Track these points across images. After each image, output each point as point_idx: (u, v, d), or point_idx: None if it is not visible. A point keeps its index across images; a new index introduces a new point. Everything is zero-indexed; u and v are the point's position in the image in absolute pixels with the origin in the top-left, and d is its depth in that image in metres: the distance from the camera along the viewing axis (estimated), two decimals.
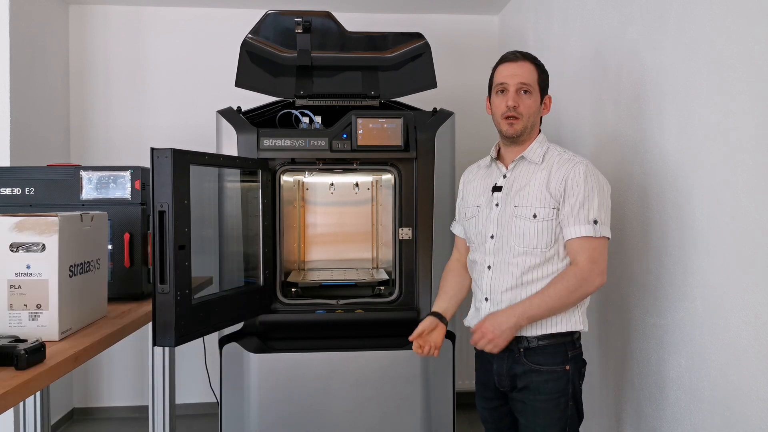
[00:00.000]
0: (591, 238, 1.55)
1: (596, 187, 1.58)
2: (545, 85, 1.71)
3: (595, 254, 1.55)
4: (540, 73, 1.69)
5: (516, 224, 1.62)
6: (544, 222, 1.59)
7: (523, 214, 1.62)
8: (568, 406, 1.61)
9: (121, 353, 3.42)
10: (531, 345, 1.61)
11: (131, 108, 3.45)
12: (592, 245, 1.56)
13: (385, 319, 2.36)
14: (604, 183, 1.62)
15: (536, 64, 1.70)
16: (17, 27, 2.83)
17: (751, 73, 1.47)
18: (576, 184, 1.58)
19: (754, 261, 1.47)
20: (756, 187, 1.46)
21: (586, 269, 1.55)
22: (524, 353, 1.62)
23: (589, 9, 2.36)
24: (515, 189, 1.66)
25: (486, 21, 3.64)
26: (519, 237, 1.62)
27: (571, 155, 1.67)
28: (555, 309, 1.57)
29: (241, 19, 3.50)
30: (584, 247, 1.56)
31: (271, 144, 2.27)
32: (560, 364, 1.61)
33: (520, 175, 1.68)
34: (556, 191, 1.60)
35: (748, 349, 1.48)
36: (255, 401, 2.23)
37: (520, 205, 1.63)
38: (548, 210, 1.59)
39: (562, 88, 2.64)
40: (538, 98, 1.68)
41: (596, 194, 1.57)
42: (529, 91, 1.66)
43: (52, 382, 1.28)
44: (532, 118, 1.67)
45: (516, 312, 1.56)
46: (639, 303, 1.99)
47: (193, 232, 1.83)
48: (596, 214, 1.56)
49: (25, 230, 1.42)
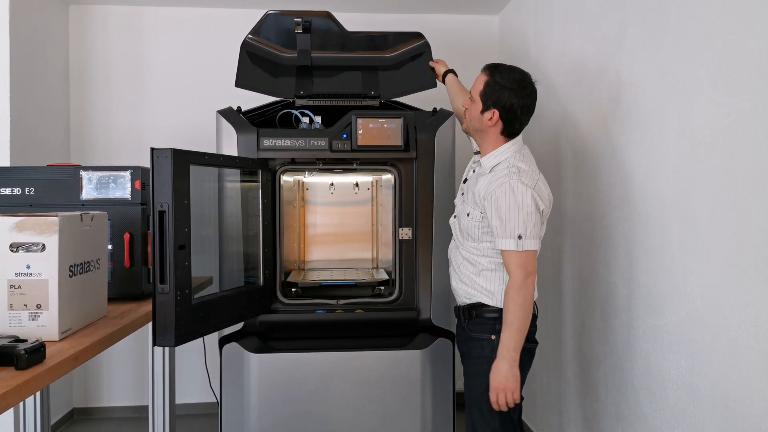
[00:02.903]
0: (517, 252, 1.74)
1: (513, 206, 1.73)
2: (489, 98, 1.83)
3: (521, 263, 1.74)
4: (486, 86, 1.84)
5: (462, 213, 1.93)
6: (474, 221, 1.86)
7: (465, 210, 1.91)
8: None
9: (121, 353, 3.42)
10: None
11: (131, 108, 3.45)
12: (520, 257, 1.74)
13: (385, 319, 2.36)
14: (523, 201, 1.74)
15: (491, 77, 1.85)
16: (17, 27, 2.83)
17: (751, 73, 1.47)
18: (495, 201, 1.76)
19: (754, 261, 1.47)
20: (756, 188, 1.46)
21: (519, 280, 1.74)
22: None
23: (589, 9, 2.36)
24: (469, 186, 1.94)
25: (486, 21, 3.64)
26: (461, 223, 1.94)
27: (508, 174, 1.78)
28: (523, 328, 1.74)
29: (241, 19, 3.50)
30: (512, 259, 1.75)
31: (271, 144, 2.27)
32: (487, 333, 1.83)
33: (475, 177, 1.92)
34: (481, 202, 1.82)
35: (748, 349, 1.48)
36: (255, 401, 2.23)
37: (467, 201, 1.92)
38: (477, 213, 1.85)
39: (561, 88, 2.64)
40: (479, 107, 1.86)
41: (516, 212, 1.73)
42: (473, 100, 1.90)
43: (52, 382, 1.28)
44: (474, 122, 1.90)
45: (502, 354, 1.74)
46: (639, 303, 1.99)
47: (193, 232, 1.83)
48: (521, 230, 1.73)
49: (25, 230, 1.42)
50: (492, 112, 1.83)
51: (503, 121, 1.84)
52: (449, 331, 2.34)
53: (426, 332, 2.37)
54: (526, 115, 1.87)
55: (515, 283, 1.74)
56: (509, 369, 1.72)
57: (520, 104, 1.82)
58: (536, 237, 1.76)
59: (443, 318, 2.37)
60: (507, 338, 1.73)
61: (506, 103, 1.81)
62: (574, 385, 2.51)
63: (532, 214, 1.74)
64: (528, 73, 1.87)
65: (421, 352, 2.31)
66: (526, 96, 1.83)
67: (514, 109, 1.82)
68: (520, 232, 1.73)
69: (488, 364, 1.76)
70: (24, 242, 1.41)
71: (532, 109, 1.88)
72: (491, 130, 1.86)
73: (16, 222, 1.41)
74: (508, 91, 1.81)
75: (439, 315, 2.37)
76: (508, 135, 1.87)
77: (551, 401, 2.79)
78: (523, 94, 1.82)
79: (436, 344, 2.33)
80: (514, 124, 1.85)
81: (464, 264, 1.91)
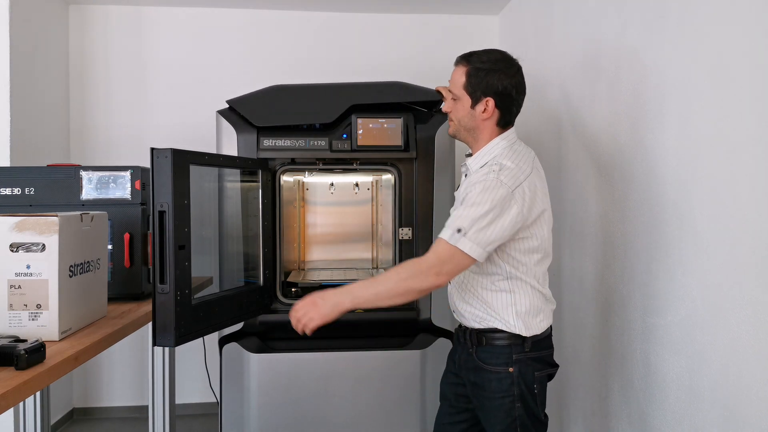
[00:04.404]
0: (446, 242, 1.50)
1: (488, 201, 1.50)
2: (478, 88, 1.62)
3: (443, 256, 1.50)
4: (470, 77, 1.62)
5: None
6: None
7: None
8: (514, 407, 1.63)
9: (121, 353, 3.42)
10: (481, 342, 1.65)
11: (131, 108, 3.45)
12: (446, 248, 1.50)
13: (385, 319, 2.36)
14: (500, 201, 1.50)
15: (470, 65, 1.63)
16: (17, 27, 2.82)
17: (751, 73, 1.47)
18: (470, 193, 1.54)
19: (754, 261, 1.47)
20: (756, 188, 1.46)
21: (426, 264, 1.51)
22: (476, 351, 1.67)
23: (589, 9, 2.36)
24: (459, 194, 1.70)
25: (486, 21, 3.64)
26: None
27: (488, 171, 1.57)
28: (381, 294, 1.54)
29: (241, 19, 3.51)
30: (438, 246, 1.52)
31: (271, 144, 2.27)
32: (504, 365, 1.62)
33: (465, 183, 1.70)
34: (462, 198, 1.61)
35: (748, 349, 1.48)
36: (255, 401, 2.23)
37: (456, 205, 1.67)
38: None
39: (561, 88, 2.64)
40: (467, 103, 1.64)
41: (478, 208, 1.49)
42: (456, 99, 1.67)
43: (52, 382, 1.28)
44: (464, 122, 1.67)
45: (343, 289, 1.56)
46: (639, 303, 1.99)
47: (193, 232, 1.83)
48: (467, 224, 1.49)
49: (25, 230, 1.42)
50: (485, 102, 1.62)
51: (499, 109, 1.63)
52: (449, 331, 2.34)
53: (426, 332, 2.37)
54: (522, 95, 1.67)
55: (421, 264, 1.52)
56: (334, 306, 1.54)
57: (513, 83, 1.62)
58: (481, 244, 1.48)
59: (443, 318, 2.37)
60: (359, 285, 1.56)
61: (498, 86, 1.60)
62: (574, 385, 2.51)
63: (487, 217, 1.49)
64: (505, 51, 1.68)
65: (421, 352, 2.31)
66: (515, 73, 1.63)
67: (509, 90, 1.61)
68: (461, 225, 1.49)
69: (510, 398, 1.61)
70: (24, 242, 1.41)
71: (525, 87, 1.68)
72: (486, 124, 1.65)
73: (16, 222, 1.41)
74: (496, 73, 1.60)
75: (439, 315, 2.37)
76: (505, 125, 1.67)
77: (551, 401, 2.78)
78: (512, 71, 1.62)
79: (436, 344, 2.33)
80: (511, 109, 1.65)
81: (467, 283, 1.68)
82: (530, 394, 1.64)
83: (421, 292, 1.56)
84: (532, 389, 1.64)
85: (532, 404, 1.64)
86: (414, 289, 1.53)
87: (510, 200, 1.51)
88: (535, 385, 1.64)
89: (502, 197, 1.50)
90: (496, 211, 1.49)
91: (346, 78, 3.39)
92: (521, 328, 1.62)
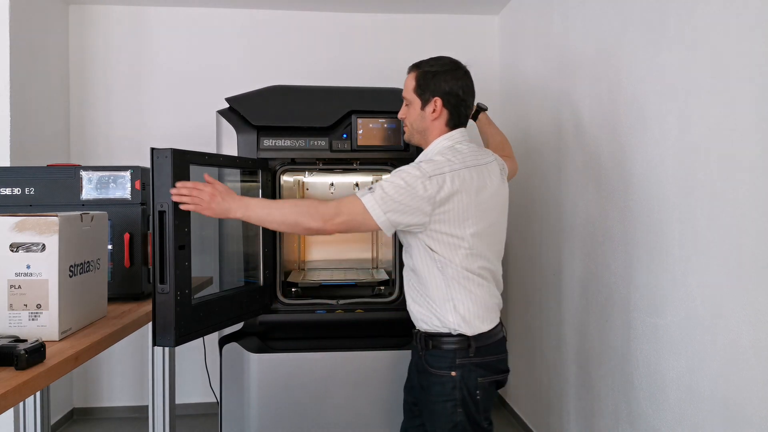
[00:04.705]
0: (354, 196, 1.58)
1: (398, 181, 1.56)
2: (426, 90, 1.68)
3: (344, 206, 1.57)
4: (419, 80, 1.69)
5: None
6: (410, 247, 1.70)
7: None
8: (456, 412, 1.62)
9: (121, 353, 3.42)
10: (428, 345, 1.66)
11: (131, 108, 3.45)
12: (351, 199, 1.58)
13: (385, 319, 2.36)
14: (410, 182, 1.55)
15: (419, 69, 1.71)
16: (17, 27, 2.83)
17: (751, 73, 1.47)
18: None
19: (754, 261, 1.47)
20: (756, 188, 1.46)
21: (324, 208, 1.57)
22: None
23: (589, 9, 2.36)
24: None
25: (486, 21, 3.64)
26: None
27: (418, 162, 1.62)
28: (273, 217, 1.60)
29: (241, 19, 3.51)
30: (347, 197, 1.60)
31: (271, 144, 2.27)
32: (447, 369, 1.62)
33: None
34: None
35: (748, 349, 1.48)
36: (255, 401, 2.23)
37: None
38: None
39: (561, 88, 2.64)
40: (418, 105, 1.70)
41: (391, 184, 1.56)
42: (407, 104, 1.74)
43: (52, 382, 1.28)
44: (416, 125, 1.73)
45: (243, 201, 1.63)
46: (639, 303, 1.99)
47: (193, 232, 1.83)
48: (377, 187, 1.56)
49: (25, 230, 1.42)
50: (433, 102, 1.67)
51: (447, 109, 1.68)
52: None
53: None
54: (470, 97, 1.71)
55: (320, 206, 1.57)
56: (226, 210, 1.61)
57: (460, 84, 1.67)
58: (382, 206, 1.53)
59: None
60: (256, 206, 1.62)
61: (445, 87, 1.66)
62: (574, 385, 2.51)
63: (397, 190, 1.53)
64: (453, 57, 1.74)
65: None
66: (462, 76, 1.68)
67: (455, 90, 1.67)
68: (373, 187, 1.57)
69: (452, 401, 1.61)
70: (24, 242, 1.41)
71: (473, 90, 1.72)
72: (435, 125, 1.69)
73: (16, 222, 1.41)
74: (444, 75, 1.67)
75: None
76: (454, 126, 1.70)
77: (551, 401, 2.79)
78: (459, 74, 1.68)
79: None
80: (460, 109, 1.69)
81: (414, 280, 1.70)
82: (472, 400, 1.61)
83: (306, 231, 1.61)
84: (474, 395, 1.61)
85: (474, 410, 1.62)
86: (301, 225, 1.59)
87: (423, 182, 1.54)
88: (477, 391, 1.62)
89: (415, 177, 1.55)
90: (406, 188, 1.54)
91: (346, 78, 3.40)
92: (460, 324, 1.61)
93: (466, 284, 1.61)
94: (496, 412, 3.34)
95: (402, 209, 1.54)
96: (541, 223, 2.91)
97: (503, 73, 3.55)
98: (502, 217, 1.71)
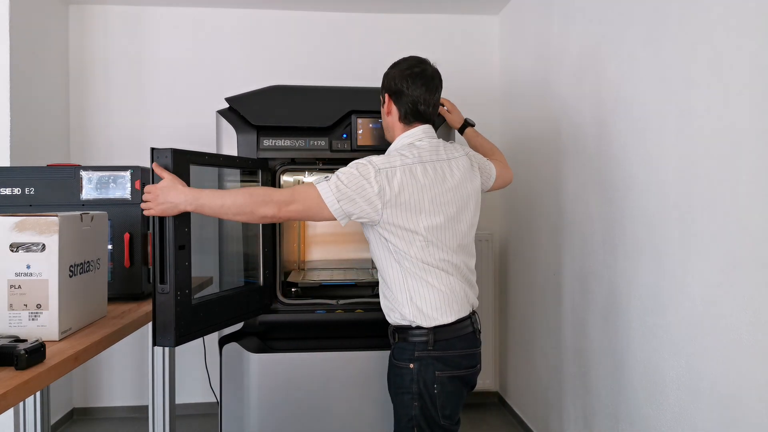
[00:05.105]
0: (311, 185, 1.58)
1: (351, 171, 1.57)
2: (382, 89, 1.75)
3: (299, 193, 1.57)
4: (381, 82, 1.75)
5: None
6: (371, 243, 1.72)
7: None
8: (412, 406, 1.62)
9: (121, 353, 3.42)
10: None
11: (131, 108, 3.45)
12: (306, 187, 1.58)
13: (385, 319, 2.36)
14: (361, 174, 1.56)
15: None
16: (17, 27, 2.83)
17: (751, 73, 1.47)
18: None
19: (753, 261, 1.47)
20: (756, 187, 1.46)
21: (279, 195, 1.56)
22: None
23: (589, 9, 2.36)
24: None
25: (486, 21, 3.64)
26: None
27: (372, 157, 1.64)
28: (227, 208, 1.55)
29: (241, 19, 3.51)
30: (302, 185, 1.63)
31: (271, 144, 2.27)
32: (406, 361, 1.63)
33: None
34: None
35: (748, 349, 1.48)
36: (255, 401, 2.23)
37: None
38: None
39: (561, 88, 2.64)
40: (381, 105, 1.77)
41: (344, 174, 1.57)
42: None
43: (52, 382, 1.28)
44: (384, 123, 1.78)
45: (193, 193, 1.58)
46: (639, 303, 1.99)
47: (194, 232, 1.83)
48: (333, 176, 1.57)
49: (25, 230, 1.42)
50: (385, 98, 1.72)
51: (396, 105, 1.70)
52: None
53: None
54: (416, 88, 1.66)
55: (274, 194, 1.56)
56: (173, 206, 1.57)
57: (403, 76, 1.67)
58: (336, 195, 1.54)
59: None
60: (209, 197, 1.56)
61: (391, 83, 1.70)
62: (574, 384, 2.51)
63: (350, 180, 1.55)
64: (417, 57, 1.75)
65: None
66: (406, 68, 1.68)
67: (397, 83, 1.67)
68: (329, 176, 1.58)
69: (408, 394, 1.62)
70: (24, 242, 1.41)
71: (424, 82, 1.67)
72: (391, 121, 1.73)
73: (16, 222, 1.41)
74: (392, 71, 1.71)
75: None
76: (407, 121, 1.70)
77: (551, 401, 2.79)
78: (403, 66, 1.69)
79: None
80: (407, 104, 1.67)
81: (380, 274, 1.71)
82: (428, 395, 1.60)
83: (261, 219, 1.57)
84: (431, 389, 1.60)
85: (429, 404, 1.60)
86: (256, 214, 1.55)
87: (374, 174, 1.56)
88: (435, 385, 1.60)
89: (366, 170, 1.57)
90: (359, 177, 1.56)
91: (346, 78, 3.40)
92: (416, 316, 1.61)
93: (424, 276, 1.61)
94: (496, 411, 3.34)
95: (354, 198, 1.55)
96: (541, 222, 2.91)
97: (503, 73, 3.55)
98: (465, 210, 1.68)
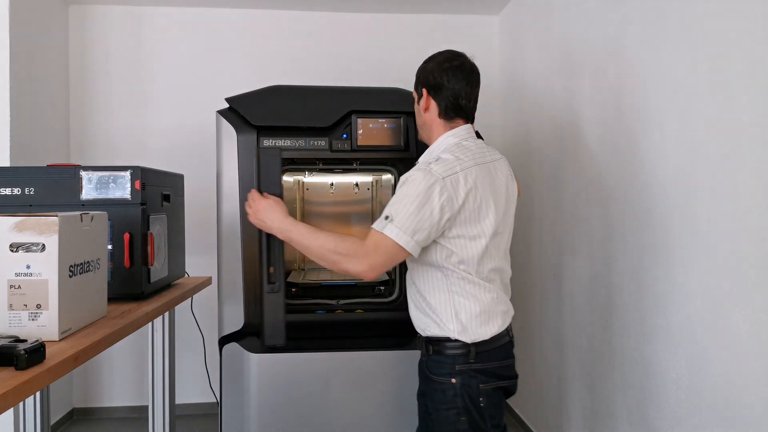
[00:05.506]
0: (377, 231, 1.50)
1: (411, 191, 1.47)
2: (418, 83, 1.68)
3: (372, 245, 1.50)
4: (415, 80, 1.70)
5: None
6: None
7: None
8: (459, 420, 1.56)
9: (121, 353, 3.42)
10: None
11: (131, 108, 3.45)
12: (375, 235, 1.50)
13: (385, 319, 2.36)
14: (414, 188, 1.47)
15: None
16: (17, 27, 2.83)
17: (751, 73, 1.47)
18: (402, 185, 1.53)
19: (754, 261, 1.47)
20: (756, 187, 1.46)
21: (363, 251, 1.51)
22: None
23: (589, 9, 2.36)
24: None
25: (486, 21, 3.64)
26: None
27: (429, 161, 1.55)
28: (311, 251, 1.59)
29: (242, 19, 3.51)
30: (373, 235, 1.51)
31: (271, 144, 2.27)
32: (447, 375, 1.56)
33: None
34: None
35: (748, 349, 1.48)
36: (255, 401, 2.23)
37: None
38: None
39: (561, 88, 2.64)
40: (416, 101, 1.70)
41: (405, 198, 1.47)
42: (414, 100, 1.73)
43: (52, 382, 1.27)
44: (418, 120, 1.71)
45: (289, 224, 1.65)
46: (639, 303, 1.99)
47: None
48: (393, 211, 1.48)
49: (25, 230, 1.41)
50: (423, 93, 1.64)
51: (434, 99, 1.62)
52: None
53: None
54: (457, 82, 1.59)
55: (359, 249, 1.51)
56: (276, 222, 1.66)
57: (443, 68, 1.60)
58: (408, 231, 1.45)
59: None
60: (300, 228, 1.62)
61: (429, 77, 1.62)
62: (575, 385, 2.51)
63: (414, 203, 1.45)
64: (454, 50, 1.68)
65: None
66: (444, 61, 1.62)
67: (437, 79, 1.60)
68: (389, 213, 1.48)
69: (454, 410, 1.54)
70: (24, 242, 1.41)
71: (464, 75, 1.61)
72: (429, 117, 1.64)
73: (16, 222, 1.41)
74: (428, 65, 1.64)
75: None
76: (448, 117, 1.62)
77: (552, 401, 2.79)
78: (441, 59, 1.63)
79: None
80: (447, 98, 1.60)
81: (412, 285, 1.65)
82: (475, 408, 1.55)
83: (344, 272, 1.55)
84: (477, 402, 1.55)
85: (478, 418, 1.55)
86: (340, 268, 1.54)
87: (439, 186, 1.46)
88: (481, 398, 1.55)
89: (429, 184, 1.46)
90: (422, 197, 1.45)
91: (346, 78, 3.40)
92: (461, 332, 1.54)
93: (470, 289, 1.54)
94: None
95: (428, 225, 1.46)
96: (542, 222, 2.91)
97: (503, 73, 3.55)
98: (509, 215, 1.65)
